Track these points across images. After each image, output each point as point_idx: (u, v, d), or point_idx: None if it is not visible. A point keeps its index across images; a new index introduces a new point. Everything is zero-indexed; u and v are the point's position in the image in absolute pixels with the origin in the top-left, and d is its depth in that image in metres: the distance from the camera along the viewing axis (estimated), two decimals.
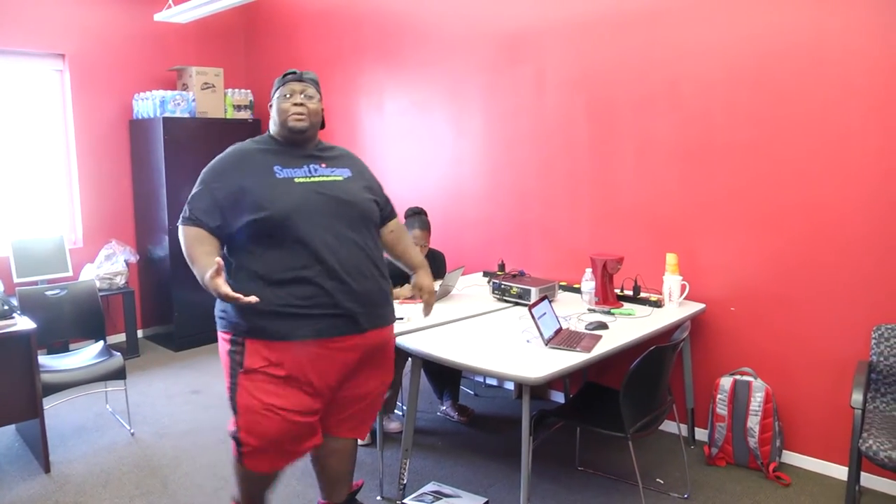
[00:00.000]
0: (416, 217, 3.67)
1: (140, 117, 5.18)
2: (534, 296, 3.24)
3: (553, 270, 3.91)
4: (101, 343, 3.77)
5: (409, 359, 2.75)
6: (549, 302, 2.84)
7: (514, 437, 3.44)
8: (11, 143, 4.89)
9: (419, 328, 2.86)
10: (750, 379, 3.10)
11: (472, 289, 3.73)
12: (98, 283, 4.67)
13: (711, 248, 3.31)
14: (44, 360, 3.51)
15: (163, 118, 4.90)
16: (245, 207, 2.10)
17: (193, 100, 5.14)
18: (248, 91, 5.57)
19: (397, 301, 3.04)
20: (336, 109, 5.06)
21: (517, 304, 3.34)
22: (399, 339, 2.66)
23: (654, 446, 3.36)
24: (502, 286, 3.42)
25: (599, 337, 2.72)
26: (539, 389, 3.94)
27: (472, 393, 4.14)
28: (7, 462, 3.28)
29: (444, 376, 3.69)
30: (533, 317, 2.64)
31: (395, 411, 3.62)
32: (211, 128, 5.18)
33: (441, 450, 3.37)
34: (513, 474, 3.09)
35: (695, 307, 3.25)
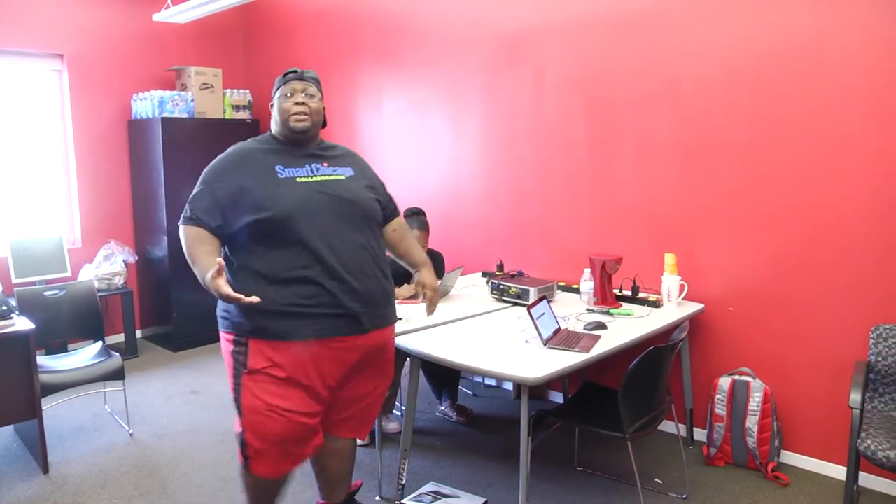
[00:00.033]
0: (415, 217, 3.67)
1: (138, 117, 5.18)
2: (532, 296, 3.24)
3: (552, 270, 3.92)
4: (99, 343, 3.76)
5: (408, 359, 2.75)
6: (548, 302, 2.84)
7: (512, 438, 3.44)
8: (10, 143, 4.89)
9: (418, 328, 2.87)
10: (748, 379, 3.10)
11: (470, 289, 3.73)
12: (97, 284, 4.66)
13: (710, 248, 3.31)
14: (42, 360, 3.51)
15: (161, 118, 4.90)
16: (246, 207, 2.09)
17: (192, 100, 5.14)
18: (247, 91, 5.57)
19: (397, 301, 3.04)
20: (334, 110, 5.06)
21: (516, 304, 3.34)
22: (398, 340, 2.65)
23: (652, 446, 3.36)
24: (501, 286, 3.42)
25: (598, 337, 2.72)
26: (538, 389, 3.94)
27: (471, 393, 4.14)
28: (5, 463, 3.28)
29: (443, 376, 3.69)
30: (531, 317, 2.64)
31: (394, 411, 3.63)
32: (209, 128, 5.18)
33: (440, 450, 3.37)
34: (511, 474, 3.09)
35: (693, 307, 3.26)
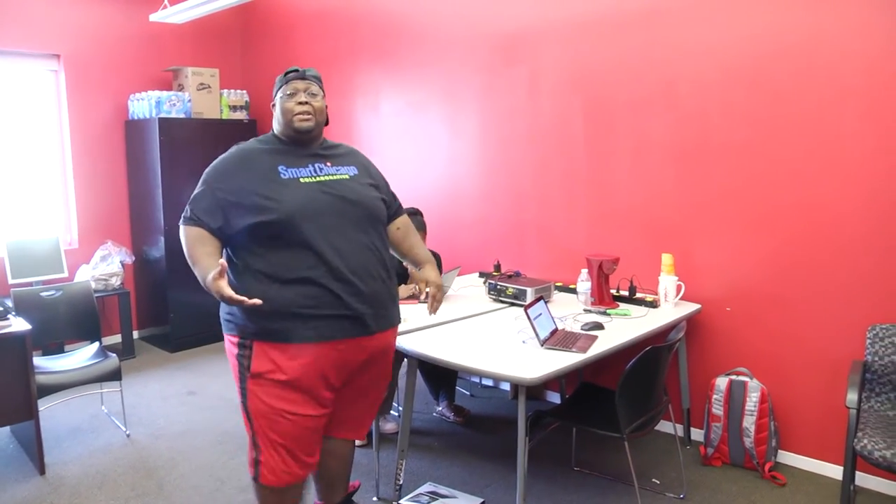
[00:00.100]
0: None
1: (136, 118, 5.18)
2: (530, 296, 3.24)
3: (549, 271, 3.92)
4: (96, 344, 3.76)
5: (405, 359, 2.74)
6: (545, 302, 2.84)
7: (510, 438, 3.44)
8: (7, 143, 4.88)
9: (415, 329, 2.86)
10: (745, 379, 3.10)
11: (468, 289, 3.73)
12: (93, 284, 4.65)
13: (707, 248, 3.32)
14: (39, 361, 3.50)
15: (158, 119, 4.89)
16: (249, 209, 2.05)
17: (189, 100, 5.13)
18: (244, 91, 5.57)
19: None
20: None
21: (513, 304, 3.34)
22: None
23: (649, 446, 3.36)
24: (498, 287, 3.42)
25: (595, 337, 2.72)
26: (535, 390, 3.94)
27: (468, 393, 4.14)
28: (1, 464, 3.27)
29: (440, 377, 3.69)
30: (529, 317, 2.64)
31: (391, 412, 3.62)
32: (207, 128, 5.17)
33: (437, 450, 3.37)
34: (509, 475, 3.09)
35: (690, 307, 3.26)
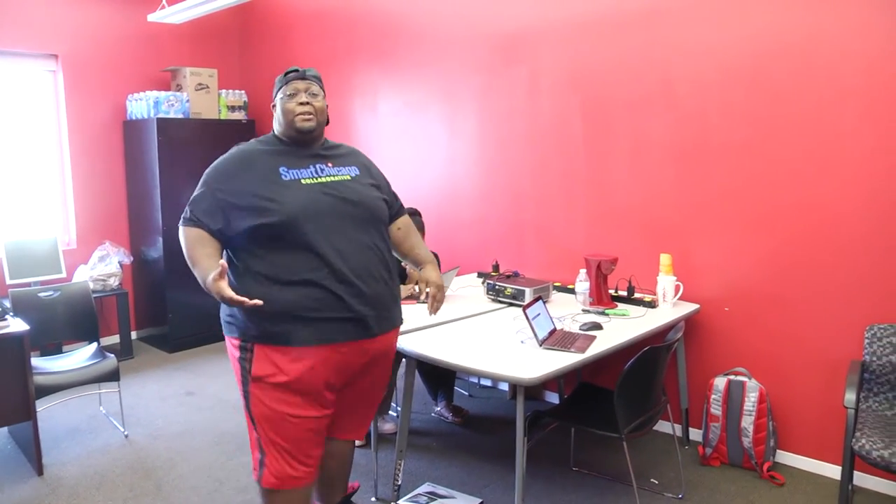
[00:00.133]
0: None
1: (134, 118, 5.17)
2: (528, 296, 3.24)
3: (547, 271, 3.92)
4: (94, 345, 3.75)
5: (404, 360, 2.74)
6: (544, 303, 2.84)
7: (508, 438, 3.44)
8: (5, 144, 4.87)
9: (413, 329, 2.86)
10: (744, 379, 3.11)
11: (466, 289, 3.73)
12: (92, 285, 4.64)
13: (705, 248, 3.32)
14: (37, 361, 3.50)
15: (157, 119, 4.89)
16: (249, 211, 2.03)
17: (187, 100, 5.13)
18: (243, 92, 5.56)
19: None
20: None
21: (511, 304, 3.34)
22: None
23: (648, 446, 3.36)
24: (497, 287, 3.42)
25: (594, 337, 2.72)
26: (533, 390, 3.94)
27: (467, 394, 4.14)
28: None
29: (439, 377, 3.69)
30: (527, 317, 2.64)
31: (390, 412, 3.62)
32: (205, 129, 5.17)
33: (435, 451, 3.37)
34: (507, 475, 3.09)
35: (689, 307, 3.26)
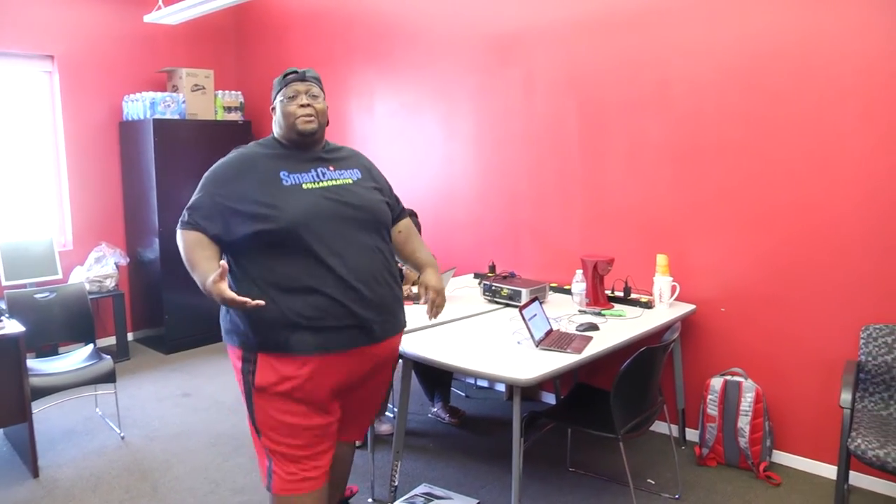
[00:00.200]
0: None
1: (130, 119, 5.16)
2: (524, 297, 3.24)
3: (544, 272, 3.92)
4: (90, 346, 3.74)
5: (400, 360, 2.74)
6: (540, 303, 2.84)
7: (505, 439, 3.43)
8: (0, 145, 4.86)
9: (410, 330, 2.86)
10: (740, 379, 3.11)
11: (462, 290, 3.73)
12: (88, 286, 4.64)
13: (702, 249, 3.32)
14: (32, 363, 3.49)
15: (153, 120, 4.88)
16: (249, 217, 1.98)
17: (183, 101, 5.12)
18: (239, 93, 5.56)
19: None
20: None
21: (508, 305, 3.34)
22: None
23: (644, 447, 3.37)
24: (493, 288, 3.42)
25: (590, 338, 2.72)
26: (530, 391, 3.94)
27: (463, 394, 4.14)
28: None
29: (435, 378, 3.69)
30: (524, 318, 2.64)
31: (386, 413, 3.62)
32: (201, 130, 5.16)
33: (432, 451, 3.37)
34: (504, 475, 3.09)
35: (685, 308, 3.27)
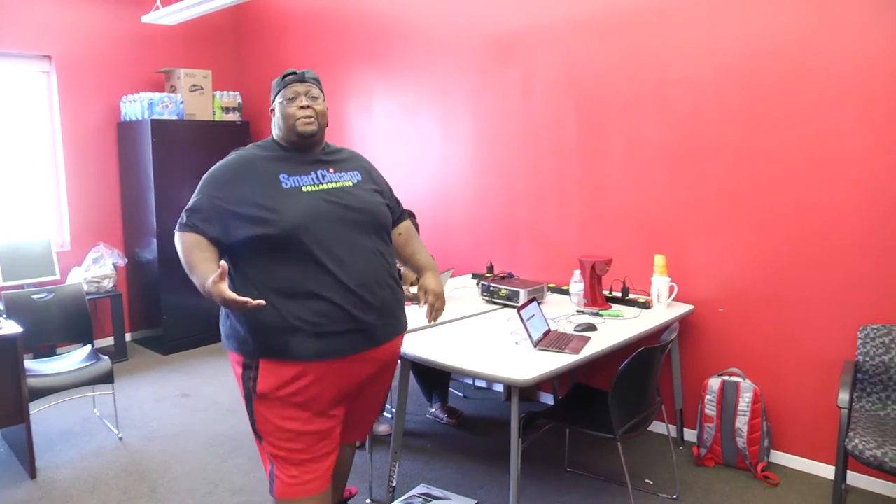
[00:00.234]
0: None
1: (128, 119, 5.16)
2: (522, 298, 3.24)
3: (542, 272, 3.92)
4: (88, 347, 3.74)
5: (399, 361, 2.74)
6: (538, 304, 2.84)
7: (503, 439, 3.44)
8: None
9: (408, 330, 2.85)
10: (738, 379, 3.11)
11: (460, 291, 3.73)
12: (86, 287, 4.63)
13: (700, 249, 3.33)
14: (30, 364, 3.48)
15: (151, 120, 4.87)
16: (249, 220, 1.96)
17: (182, 102, 5.11)
18: (237, 93, 5.56)
19: None
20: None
21: (506, 306, 3.34)
22: None
23: (642, 447, 3.37)
24: (491, 288, 3.42)
25: (588, 338, 2.72)
26: (528, 391, 3.94)
27: (461, 395, 4.14)
28: None
29: (433, 378, 3.69)
30: (522, 318, 2.64)
31: (385, 413, 3.62)
32: (199, 130, 5.16)
33: (430, 452, 3.37)
34: (502, 476, 3.09)
35: (683, 308, 3.27)
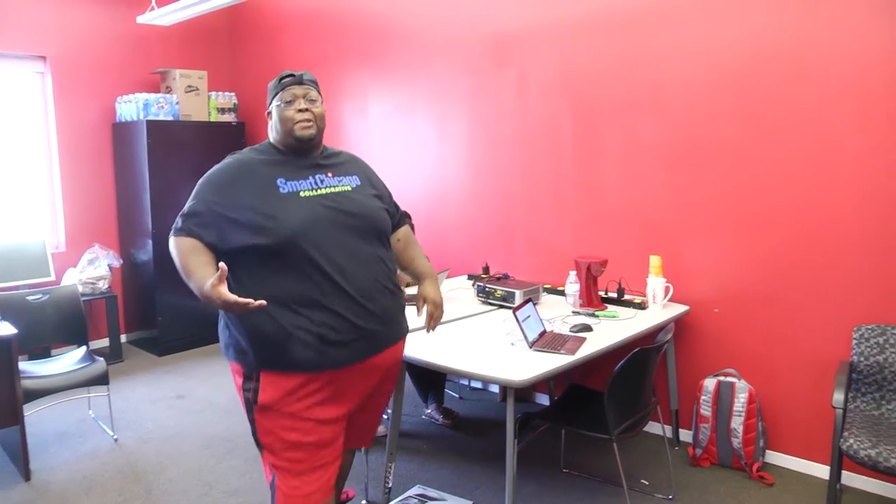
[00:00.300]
0: None
1: (123, 120, 5.14)
2: (518, 298, 3.24)
3: (537, 273, 3.93)
4: (83, 348, 3.73)
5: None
6: (534, 304, 2.84)
7: (498, 440, 3.44)
8: None
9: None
10: (734, 380, 3.12)
11: (456, 292, 3.73)
12: (81, 288, 4.62)
13: (695, 250, 3.33)
14: (25, 365, 3.47)
15: (146, 121, 4.86)
16: (246, 227, 1.91)
17: (177, 102, 5.10)
18: (233, 94, 5.55)
19: None
20: None
21: (501, 306, 3.34)
22: None
23: (638, 448, 3.37)
24: (487, 289, 3.42)
25: (583, 339, 2.73)
26: (523, 392, 3.94)
27: (457, 396, 4.14)
28: None
29: (429, 379, 3.69)
30: (517, 319, 2.64)
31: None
32: (195, 131, 5.15)
33: (426, 453, 3.37)
34: (498, 477, 3.09)
35: (679, 309, 3.27)
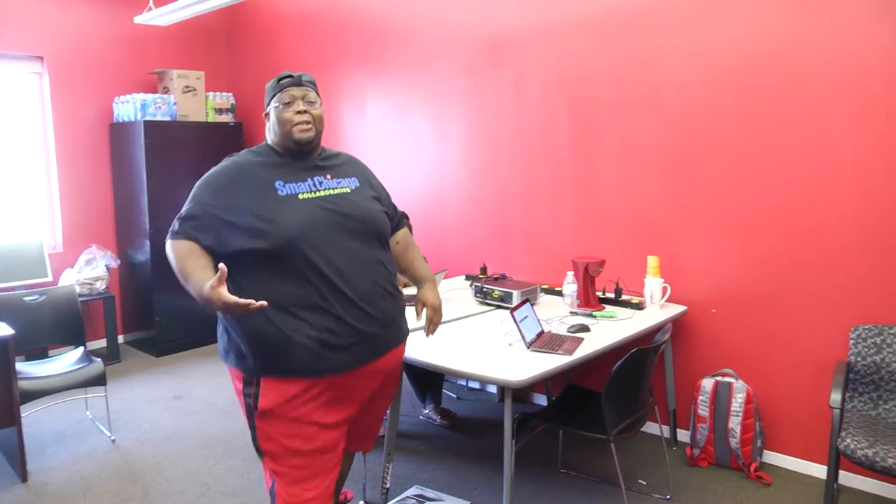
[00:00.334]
0: None
1: (120, 120, 5.14)
2: (516, 299, 3.25)
3: (535, 273, 3.93)
4: (80, 349, 3.72)
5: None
6: (531, 305, 2.85)
7: (496, 440, 3.44)
8: None
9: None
10: (731, 380, 3.12)
11: (454, 292, 3.73)
12: (78, 289, 4.61)
13: (693, 250, 3.34)
14: (22, 366, 3.47)
15: (144, 121, 4.85)
16: (243, 230, 1.90)
17: (175, 103, 5.10)
18: (230, 94, 5.54)
19: None
20: None
21: (499, 307, 3.34)
22: None
23: (636, 448, 3.37)
24: (484, 289, 3.42)
25: (581, 339, 2.73)
26: (521, 392, 3.94)
27: (455, 396, 4.13)
28: None
29: (427, 380, 3.69)
30: (515, 320, 2.64)
31: None
32: (192, 131, 5.14)
33: (424, 453, 3.37)
34: (496, 477, 3.09)
35: (676, 309, 3.27)
